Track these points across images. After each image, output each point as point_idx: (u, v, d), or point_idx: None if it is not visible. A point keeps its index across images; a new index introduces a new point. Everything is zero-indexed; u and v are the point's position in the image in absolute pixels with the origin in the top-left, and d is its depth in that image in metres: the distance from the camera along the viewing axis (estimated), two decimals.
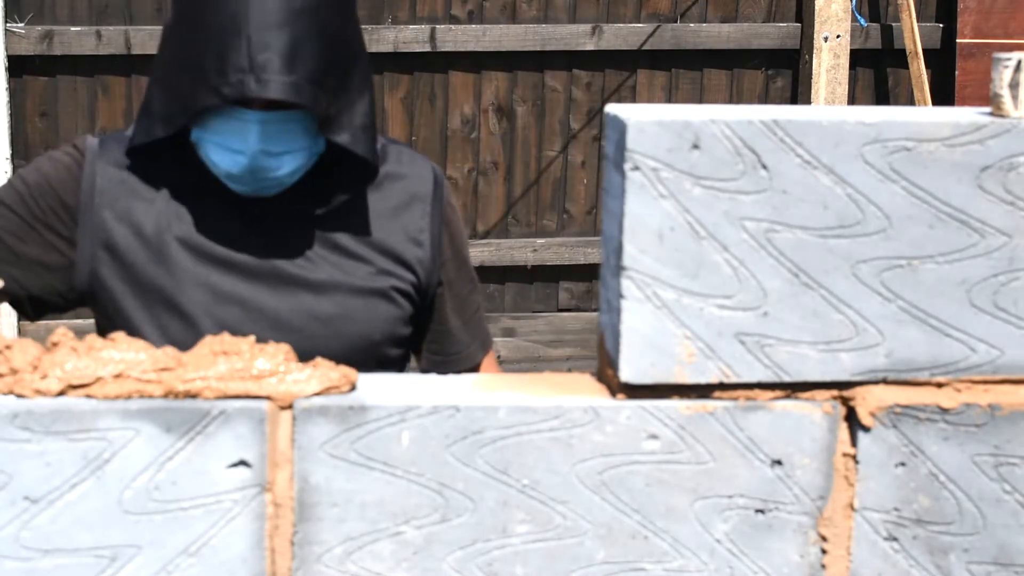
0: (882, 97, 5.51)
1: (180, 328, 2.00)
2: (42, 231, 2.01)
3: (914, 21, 5.19)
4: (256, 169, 1.93)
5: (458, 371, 2.17)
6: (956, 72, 5.39)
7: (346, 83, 1.95)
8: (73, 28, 5.04)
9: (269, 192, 1.99)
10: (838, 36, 5.31)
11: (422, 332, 2.18)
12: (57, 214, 2.02)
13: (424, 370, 2.22)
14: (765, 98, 5.43)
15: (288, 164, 1.95)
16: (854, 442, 1.22)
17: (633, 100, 5.37)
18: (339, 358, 1.72)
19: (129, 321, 2.01)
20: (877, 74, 5.51)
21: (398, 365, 2.15)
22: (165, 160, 2.03)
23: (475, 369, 2.23)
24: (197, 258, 2.01)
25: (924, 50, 5.24)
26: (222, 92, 1.87)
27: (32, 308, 2.08)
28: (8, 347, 1.15)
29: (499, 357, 5.41)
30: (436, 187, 2.12)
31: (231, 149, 1.92)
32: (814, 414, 1.21)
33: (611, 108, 1.21)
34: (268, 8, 1.87)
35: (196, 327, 1.99)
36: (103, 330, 2.07)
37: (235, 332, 1.95)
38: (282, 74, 1.85)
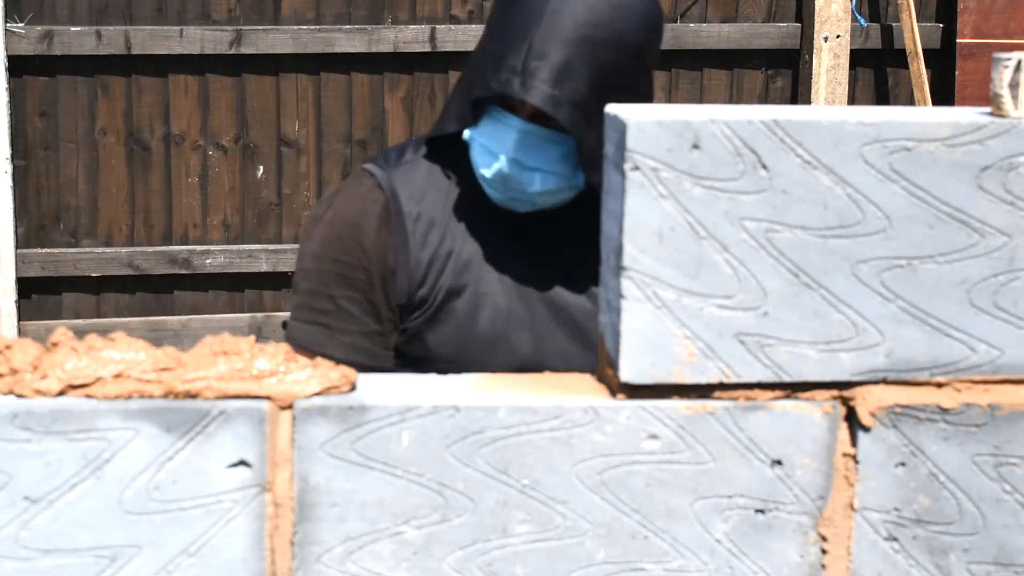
0: (882, 97, 5.51)
1: (480, 355, 2.05)
2: (379, 290, 2.06)
3: (914, 21, 5.19)
4: (507, 177, 1.97)
5: None
6: (956, 72, 5.39)
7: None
8: (73, 28, 5.04)
9: (520, 208, 2.02)
10: (838, 36, 5.31)
11: None
12: (384, 256, 2.06)
13: None
14: (765, 98, 5.43)
15: (539, 183, 1.97)
16: (854, 442, 1.22)
17: None
18: None
19: (429, 349, 2.06)
20: (877, 74, 5.51)
21: None
22: (455, 179, 2.09)
23: None
24: (493, 283, 2.05)
25: (924, 50, 5.24)
26: (489, 85, 1.94)
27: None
28: (8, 347, 1.15)
29: None
30: None
31: (489, 151, 1.99)
32: (814, 414, 1.21)
33: (611, 108, 1.21)
34: (560, 25, 1.92)
35: (493, 353, 2.05)
36: (407, 357, 2.12)
37: (528, 362, 2.02)
38: (546, 84, 1.90)
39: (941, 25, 5.50)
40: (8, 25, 4.99)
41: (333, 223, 2.08)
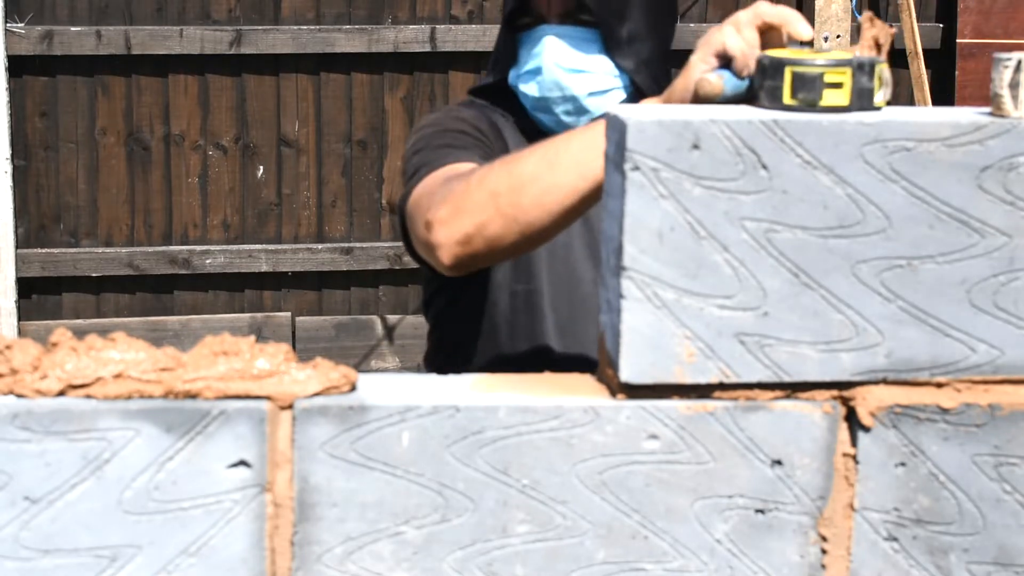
0: None
1: (529, 304, 2.07)
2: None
3: (914, 21, 5.19)
4: (551, 85, 2.01)
5: None
6: (956, 72, 5.39)
7: (633, 14, 2.04)
8: (73, 28, 5.04)
9: (577, 122, 2.04)
10: (838, 36, 5.31)
11: None
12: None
13: None
14: None
15: (583, 85, 2.02)
16: (854, 442, 1.22)
17: None
18: None
19: (491, 291, 2.08)
20: None
21: None
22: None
23: None
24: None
25: (924, 50, 5.24)
26: None
27: None
28: (8, 347, 1.15)
29: None
30: None
31: (531, 72, 2.05)
32: (814, 414, 1.21)
33: (611, 108, 1.21)
34: None
35: (543, 299, 2.06)
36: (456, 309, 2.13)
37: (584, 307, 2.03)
38: None
39: (941, 25, 5.50)
40: (8, 25, 4.99)
41: (447, 113, 2.12)
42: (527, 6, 2.05)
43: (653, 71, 2.07)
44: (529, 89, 2.05)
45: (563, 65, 2.01)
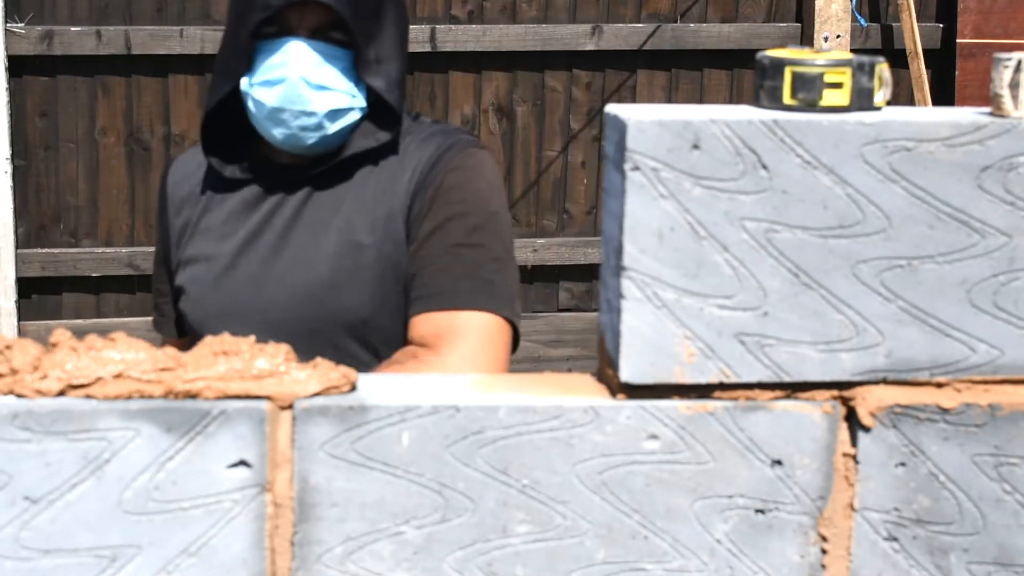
0: None
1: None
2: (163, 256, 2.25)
3: (914, 21, 5.19)
4: (294, 98, 2.01)
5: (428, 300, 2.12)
6: (956, 72, 5.39)
7: (383, 35, 2.06)
8: (73, 28, 5.04)
9: (309, 140, 2.05)
10: (838, 36, 5.31)
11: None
12: (165, 235, 2.24)
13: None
14: None
15: (326, 103, 2.02)
16: (854, 442, 1.22)
17: (633, 100, 5.37)
18: (325, 335, 1.98)
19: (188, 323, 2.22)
20: None
21: (377, 350, 2.14)
22: (228, 161, 2.17)
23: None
24: (221, 257, 2.14)
25: (924, 50, 5.24)
26: (271, 4, 2.00)
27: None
28: (8, 347, 1.16)
29: None
30: (437, 158, 2.12)
31: (272, 82, 2.03)
32: (814, 414, 1.21)
33: (611, 108, 1.21)
34: None
35: (205, 301, 2.16)
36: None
37: (243, 314, 2.10)
38: None
39: (941, 25, 5.50)
40: (8, 25, 4.99)
41: None
42: (275, 17, 2.03)
43: (402, 92, 2.09)
44: (265, 97, 2.03)
45: (310, 80, 2.01)
